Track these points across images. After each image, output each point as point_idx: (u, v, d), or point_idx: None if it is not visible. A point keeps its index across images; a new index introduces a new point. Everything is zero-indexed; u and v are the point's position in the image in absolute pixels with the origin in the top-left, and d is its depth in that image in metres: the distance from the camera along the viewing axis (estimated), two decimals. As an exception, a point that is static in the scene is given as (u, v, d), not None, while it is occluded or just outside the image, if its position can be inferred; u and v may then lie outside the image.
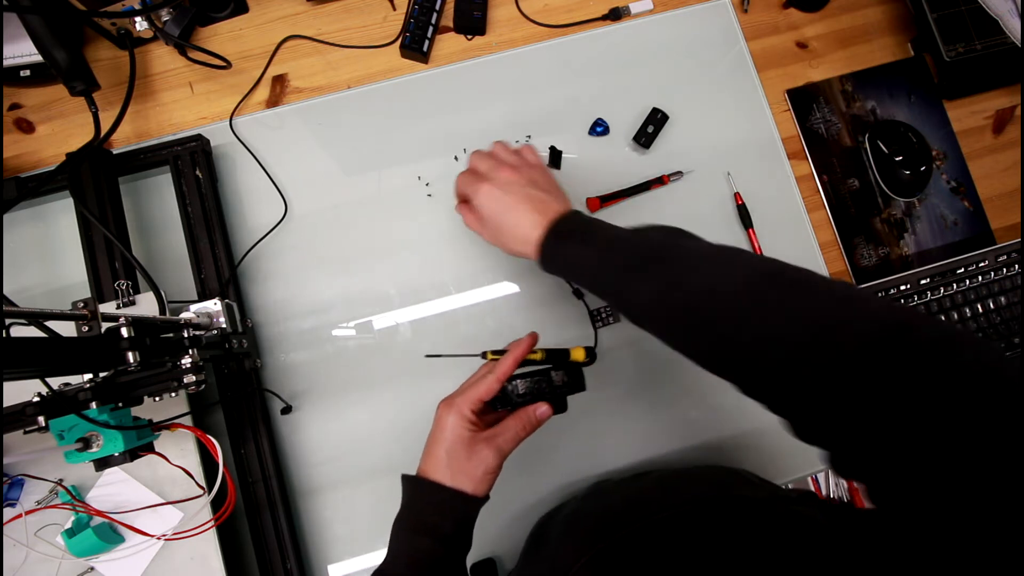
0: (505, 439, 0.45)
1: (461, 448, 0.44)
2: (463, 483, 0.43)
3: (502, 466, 0.45)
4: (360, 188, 0.67)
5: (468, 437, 0.44)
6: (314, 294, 0.65)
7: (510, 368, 0.47)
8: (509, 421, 0.46)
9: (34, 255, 0.64)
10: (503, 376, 0.46)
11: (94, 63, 0.65)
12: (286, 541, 0.57)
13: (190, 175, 0.62)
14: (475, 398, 0.45)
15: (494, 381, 0.46)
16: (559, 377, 0.48)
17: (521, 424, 0.46)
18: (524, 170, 0.51)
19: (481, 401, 0.46)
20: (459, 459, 0.44)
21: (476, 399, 0.45)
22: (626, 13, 0.72)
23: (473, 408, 0.45)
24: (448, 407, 0.46)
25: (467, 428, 0.45)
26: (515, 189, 0.49)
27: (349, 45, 0.69)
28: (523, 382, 0.47)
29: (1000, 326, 0.67)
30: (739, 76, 0.71)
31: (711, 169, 0.69)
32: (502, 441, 0.45)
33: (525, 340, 0.49)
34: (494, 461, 0.44)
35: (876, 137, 0.70)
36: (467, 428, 0.45)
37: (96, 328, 0.41)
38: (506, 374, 0.46)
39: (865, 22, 0.74)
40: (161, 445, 0.51)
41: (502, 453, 0.44)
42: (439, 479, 0.44)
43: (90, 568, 0.54)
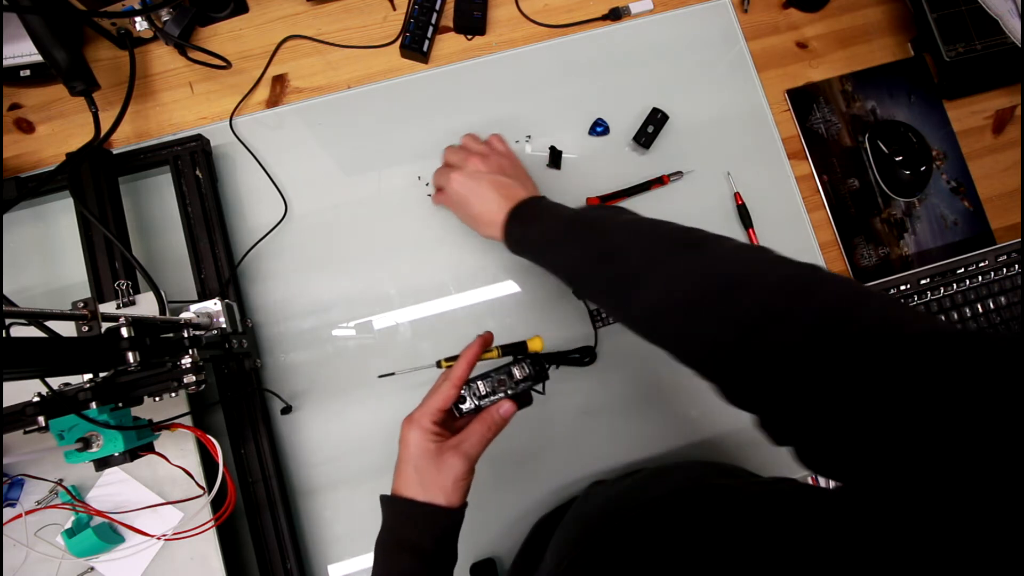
0: (471, 444, 0.44)
1: (428, 461, 0.43)
2: (435, 496, 0.43)
3: (473, 471, 0.45)
4: (360, 188, 0.67)
5: (433, 449, 0.43)
6: (314, 294, 0.65)
7: (463, 372, 0.46)
8: (474, 425, 0.45)
9: (34, 255, 0.64)
10: (458, 381, 0.46)
11: (94, 63, 0.65)
12: (286, 541, 0.57)
13: (190, 175, 0.62)
14: (433, 408, 0.45)
15: (449, 388, 0.45)
16: (520, 371, 0.48)
17: (486, 426, 0.45)
18: (492, 158, 0.56)
19: (440, 411, 0.45)
20: (428, 472, 0.43)
21: (435, 409, 0.45)
22: (626, 13, 0.72)
23: (434, 419, 0.45)
24: (409, 424, 0.45)
25: (430, 440, 0.44)
26: (482, 176, 0.55)
27: (349, 45, 0.69)
28: (483, 382, 0.47)
29: (1000, 326, 0.67)
30: (739, 76, 0.71)
31: (711, 169, 0.69)
32: (468, 447, 0.44)
33: (476, 342, 0.49)
34: (462, 468, 0.43)
35: (876, 137, 0.70)
36: (430, 440, 0.44)
37: (96, 328, 0.41)
38: (460, 379, 0.46)
39: (865, 22, 0.74)
40: (161, 445, 0.51)
41: (469, 458, 0.44)
42: (412, 495, 0.43)
43: (90, 568, 0.54)
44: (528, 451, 0.63)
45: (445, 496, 0.43)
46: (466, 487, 0.44)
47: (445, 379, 0.46)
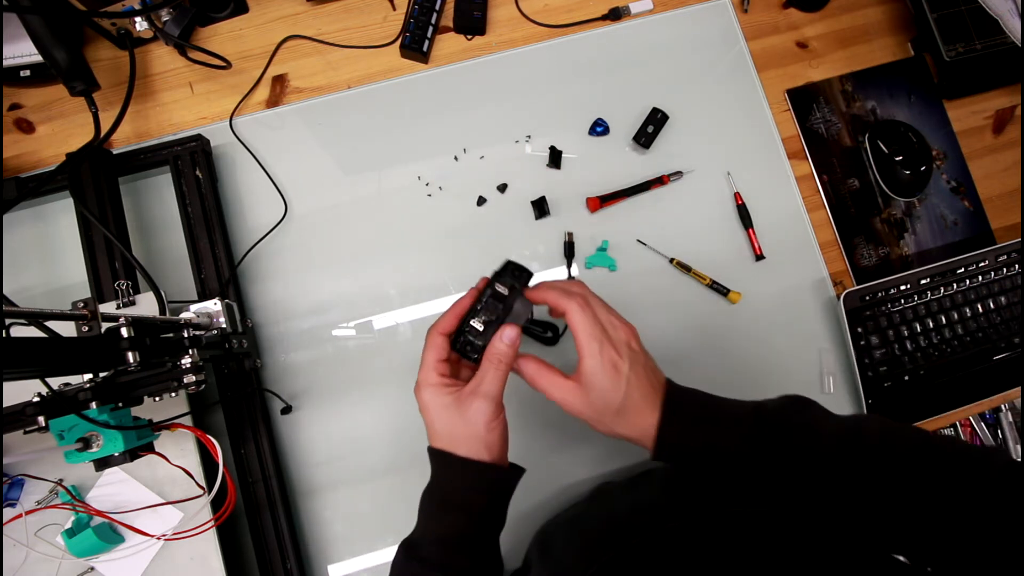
0: (487, 383, 0.40)
1: (451, 414, 0.40)
2: (476, 448, 0.40)
3: (503, 410, 0.41)
4: (360, 188, 0.67)
5: (451, 401, 0.40)
6: (314, 294, 0.65)
7: (449, 321, 0.43)
8: (483, 364, 0.41)
9: (34, 255, 0.64)
10: (444, 327, 0.42)
11: (94, 63, 0.65)
12: (286, 541, 0.57)
13: (190, 175, 0.62)
14: (431, 362, 0.42)
15: (435, 336, 0.42)
16: (502, 286, 0.42)
17: (494, 361, 0.41)
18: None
19: (438, 361, 0.42)
20: (456, 425, 0.40)
21: (433, 362, 0.42)
22: (626, 13, 0.72)
23: (438, 372, 0.42)
24: (418, 389, 0.42)
25: (444, 393, 0.41)
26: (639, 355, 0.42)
27: (349, 45, 0.69)
28: (476, 319, 0.42)
29: (1000, 326, 0.67)
30: (739, 76, 0.71)
31: (711, 169, 0.69)
32: (485, 387, 0.40)
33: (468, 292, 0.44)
34: (488, 409, 0.40)
35: (876, 137, 0.70)
36: (444, 393, 0.41)
37: (96, 328, 0.41)
38: (445, 326, 0.42)
39: (865, 22, 0.74)
40: (161, 445, 0.51)
41: (490, 398, 0.40)
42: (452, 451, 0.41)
43: (90, 568, 0.54)
44: (529, 452, 0.63)
45: (486, 445, 0.40)
46: (502, 430, 0.41)
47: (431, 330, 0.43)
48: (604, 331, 0.40)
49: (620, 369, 0.39)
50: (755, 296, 0.67)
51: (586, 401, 0.40)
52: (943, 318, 0.67)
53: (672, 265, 0.67)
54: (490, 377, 0.40)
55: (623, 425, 0.40)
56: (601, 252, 0.66)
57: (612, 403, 0.39)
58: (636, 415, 0.40)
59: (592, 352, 0.39)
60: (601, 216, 0.67)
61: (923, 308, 0.66)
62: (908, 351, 0.66)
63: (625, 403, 0.39)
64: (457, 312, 0.43)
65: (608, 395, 0.39)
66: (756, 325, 0.67)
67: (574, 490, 0.64)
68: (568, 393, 0.40)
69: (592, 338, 0.39)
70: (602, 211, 0.67)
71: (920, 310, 0.66)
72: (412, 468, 0.62)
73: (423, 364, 0.42)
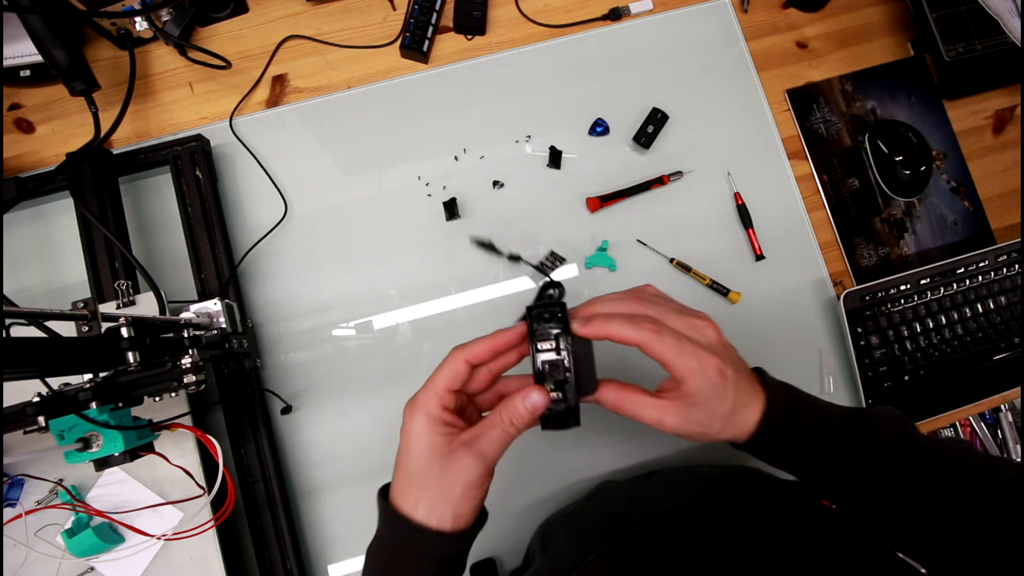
0: (489, 441, 0.33)
1: (433, 460, 0.33)
2: (440, 510, 0.33)
3: (492, 475, 0.34)
4: (360, 188, 0.67)
5: (440, 444, 0.33)
6: (314, 294, 0.65)
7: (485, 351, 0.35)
8: (491, 416, 0.34)
9: (34, 255, 0.64)
10: (476, 356, 0.35)
11: (94, 63, 0.65)
12: (286, 541, 0.57)
13: (190, 175, 0.62)
14: (441, 389, 0.35)
15: (458, 362, 0.35)
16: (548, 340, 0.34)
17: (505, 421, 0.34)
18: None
19: (449, 391, 0.35)
20: (431, 475, 0.33)
21: (442, 390, 0.35)
22: (626, 13, 0.72)
23: (442, 401, 0.34)
24: (412, 409, 0.35)
25: (438, 432, 0.34)
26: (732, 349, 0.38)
27: (349, 45, 0.69)
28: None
29: (1000, 326, 0.67)
30: (739, 76, 0.71)
31: (711, 169, 0.69)
32: (485, 444, 0.33)
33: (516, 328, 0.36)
34: (475, 471, 0.33)
35: (876, 137, 0.70)
36: (438, 432, 0.34)
37: (96, 328, 0.41)
38: (477, 357, 0.35)
39: (865, 22, 0.74)
40: (161, 445, 0.51)
41: (485, 459, 0.33)
42: (409, 510, 0.34)
43: (90, 568, 0.54)
44: (530, 450, 0.63)
45: (452, 509, 0.33)
46: (480, 497, 0.34)
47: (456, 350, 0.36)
48: (693, 343, 0.35)
49: (727, 375, 0.35)
50: (755, 296, 0.67)
51: (690, 417, 0.35)
52: (943, 318, 0.67)
53: (672, 265, 0.67)
54: (493, 436, 0.34)
55: (730, 429, 0.36)
56: (601, 252, 0.66)
57: (722, 413, 0.35)
58: (743, 415, 0.36)
59: (694, 371, 0.34)
60: (601, 216, 0.67)
61: (923, 308, 0.66)
62: (908, 351, 0.66)
63: (734, 407, 0.35)
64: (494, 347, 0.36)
65: (718, 407, 0.35)
66: (756, 325, 0.67)
67: (576, 488, 0.64)
68: (667, 414, 0.35)
69: (685, 356, 0.34)
70: (602, 211, 0.67)
71: (920, 310, 0.66)
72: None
73: (430, 383, 0.35)
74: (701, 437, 0.36)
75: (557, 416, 0.35)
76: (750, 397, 0.36)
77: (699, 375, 0.34)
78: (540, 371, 0.35)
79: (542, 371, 0.35)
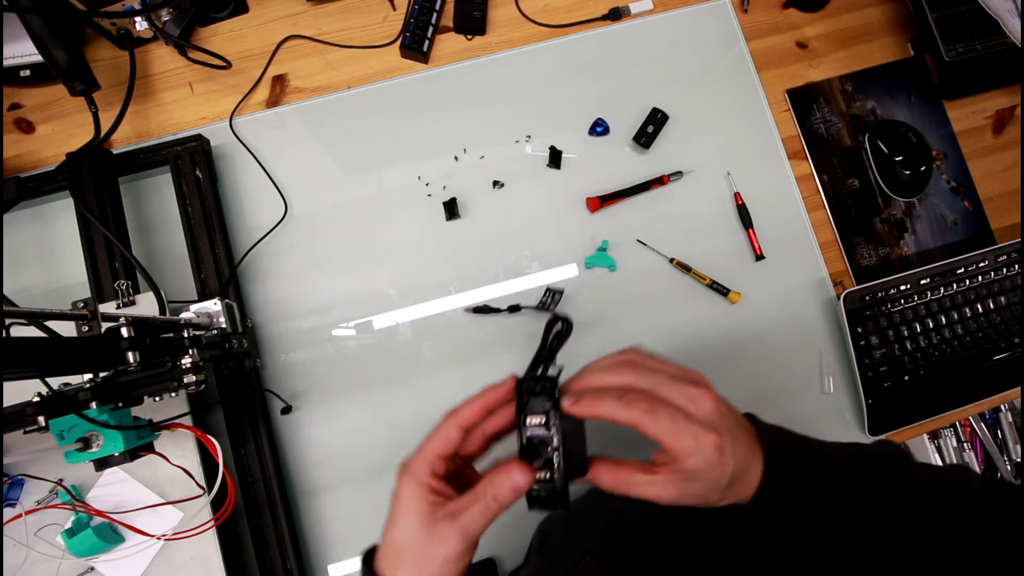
0: (471, 517, 0.32)
1: (418, 529, 0.32)
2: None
3: (475, 548, 0.33)
4: (360, 188, 0.67)
5: (426, 514, 0.33)
6: (314, 294, 0.65)
7: (476, 413, 0.35)
8: (475, 489, 0.33)
9: (34, 255, 0.64)
10: (465, 422, 0.35)
11: (94, 63, 0.65)
12: (286, 541, 0.57)
13: (190, 175, 0.62)
14: (431, 454, 0.34)
15: (451, 428, 0.35)
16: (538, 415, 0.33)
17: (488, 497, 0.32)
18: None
19: (440, 457, 0.34)
20: (414, 544, 0.32)
21: (433, 454, 0.34)
22: (626, 13, 0.72)
23: (432, 467, 0.34)
24: (403, 474, 0.34)
25: (426, 499, 0.33)
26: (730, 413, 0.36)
27: (349, 45, 0.69)
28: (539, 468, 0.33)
29: (1000, 326, 0.67)
30: (739, 76, 0.71)
31: (711, 169, 0.69)
32: (467, 520, 0.32)
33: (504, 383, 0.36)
34: (456, 547, 0.32)
35: (876, 137, 0.70)
36: (426, 499, 0.33)
37: (96, 328, 0.41)
38: (469, 420, 0.35)
39: (865, 22, 0.74)
40: (161, 445, 0.51)
41: (467, 536, 0.32)
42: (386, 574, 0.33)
43: (90, 568, 0.54)
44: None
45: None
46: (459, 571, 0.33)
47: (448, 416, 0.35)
48: (689, 419, 0.33)
49: (725, 451, 0.33)
50: (755, 296, 0.67)
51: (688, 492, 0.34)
52: (943, 318, 0.67)
53: (672, 265, 0.67)
54: (476, 512, 0.32)
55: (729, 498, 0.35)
56: (601, 252, 0.66)
57: (721, 486, 0.34)
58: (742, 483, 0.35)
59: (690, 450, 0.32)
60: (601, 216, 0.67)
61: (923, 308, 0.66)
62: (908, 351, 0.66)
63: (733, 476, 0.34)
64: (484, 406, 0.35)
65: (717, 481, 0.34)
66: (756, 325, 0.67)
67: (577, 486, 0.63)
68: (663, 489, 0.34)
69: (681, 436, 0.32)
70: (602, 211, 0.67)
71: (920, 310, 0.66)
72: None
73: (421, 449, 0.35)
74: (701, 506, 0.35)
75: (544, 498, 0.33)
76: (748, 463, 0.35)
77: (696, 455, 0.32)
78: (526, 447, 0.33)
79: (529, 447, 0.33)
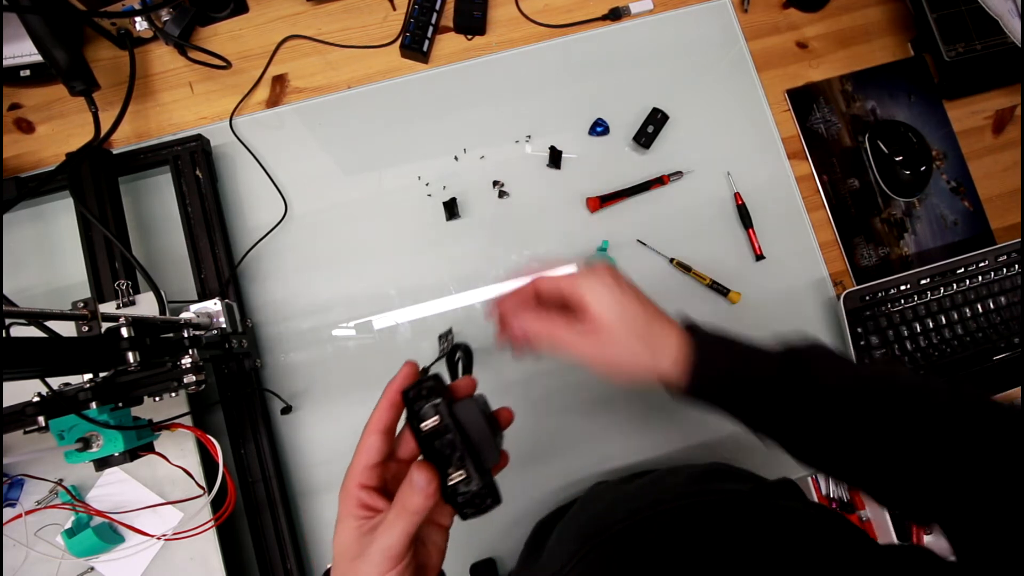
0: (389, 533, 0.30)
1: (349, 549, 0.31)
2: None
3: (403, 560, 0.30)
4: (360, 188, 0.67)
5: (354, 533, 0.31)
6: (314, 294, 0.65)
7: (385, 413, 0.34)
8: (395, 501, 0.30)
9: (34, 255, 0.64)
10: (379, 426, 0.33)
11: (94, 63, 0.65)
12: (286, 541, 0.57)
13: (190, 175, 0.62)
14: (358, 468, 0.33)
15: (369, 435, 0.33)
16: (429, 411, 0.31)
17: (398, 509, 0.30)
18: None
19: (368, 468, 0.32)
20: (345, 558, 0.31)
21: (360, 468, 0.33)
22: (626, 13, 0.72)
23: (364, 482, 0.32)
24: (340, 494, 0.33)
25: (354, 515, 0.31)
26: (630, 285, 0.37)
27: (349, 45, 0.69)
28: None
29: (1000, 326, 0.67)
30: (739, 76, 0.71)
31: (711, 169, 0.69)
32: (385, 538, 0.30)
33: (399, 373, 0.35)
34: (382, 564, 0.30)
35: (876, 137, 0.70)
36: (354, 515, 0.31)
37: (96, 328, 0.41)
38: (381, 422, 0.33)
39: (865, 22, 0.74)
40: (161, 445, 0.51)
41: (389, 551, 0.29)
42: None
43: (90, 568, 0.54)
44: (530, 451, 0.63)
45: None
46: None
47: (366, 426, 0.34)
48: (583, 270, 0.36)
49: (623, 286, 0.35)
50: (755, 296, 0.67)
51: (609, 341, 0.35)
52: (943, 318, 0.67)
53: (672, 265, 0.67)
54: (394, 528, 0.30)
55: (658, 357, 0.35)
56: (601, 252, 0.66)
57: (638, 329, 0.35)
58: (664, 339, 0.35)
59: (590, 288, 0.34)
60: (601, 216, 0.67)
61: (923, 308, 0.66)
62: (908, 351, 0.66)
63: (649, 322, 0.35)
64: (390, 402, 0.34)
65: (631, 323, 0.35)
66: (756, 325, 0.67)
67: (574, 488, 0.64)
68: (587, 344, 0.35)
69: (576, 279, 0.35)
70: (602, 211, 0.67)
71: (920, 310, 0.66)
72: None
73: (350, 466, 0.33)
74: (625, 367, 0.35)
75: (470, 499, 0.30)
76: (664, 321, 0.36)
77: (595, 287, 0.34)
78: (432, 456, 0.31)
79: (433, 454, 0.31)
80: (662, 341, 0.36)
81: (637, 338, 0.35)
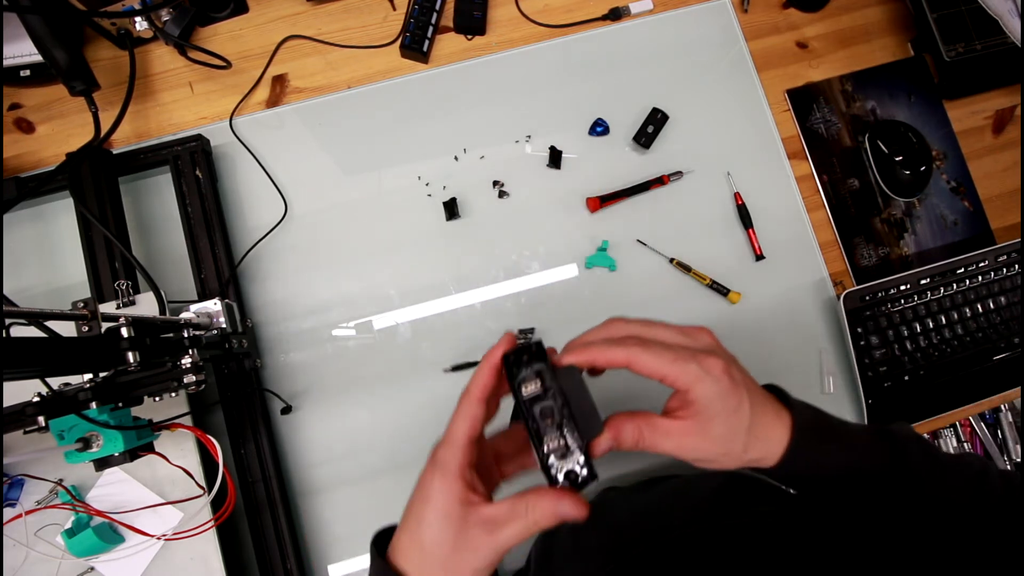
0: (510, 534, 0.29)
1: (448, 530, 0.29)
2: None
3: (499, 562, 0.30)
4: (360, 188, 0.67)
5: (459, 515, 0.29)
6: (314, 294, 0.65)
7: (489, 379, 0.31)
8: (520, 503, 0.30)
9: (34, 255, 0.64)
10: (483, 392, 0.31)
11: (94, 63, 0.65)
12: (286, 541, 0.57)
13: (190, 175, 0.62)
14: (462, 439, 0.31)
15: (471, 405, 0.31)
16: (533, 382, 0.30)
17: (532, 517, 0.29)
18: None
19: (470, 441, 0.31)
20: (442, 547, 0.29)
21: (464, 439, 0.31)
22: (626, 13, 0.72)
23: (468, 458, 0.30)
24: (433, 465, 0.31)
25: (459, 499, 0.30)
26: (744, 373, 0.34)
27: (349, 45, 0.69)
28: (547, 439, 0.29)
29: (1000, 326, 0.67)
30: (739, 76, 0.71)
31: (711, 169, 0.69)
32: (505, 536, 0.29)
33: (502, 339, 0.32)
34: (488, 559, 0.29)
35: (876, 137, 0.70)
36: (459, 499, 0.30)
37: (96, 328, 0.41)
38: (486, 388, 0.31)
39: (865, 22, 0.74)
40: (161, 445, 0.51)
41: (501, 551, 0.29)
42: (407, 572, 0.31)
43: (90, 568, 0.54)
44: (528, 451, 0.63)
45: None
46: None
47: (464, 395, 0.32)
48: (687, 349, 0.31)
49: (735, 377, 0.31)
50: (755, 296, 0.67)
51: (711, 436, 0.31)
52: (943, 318, 0.67)
53: (672, 265, 0.67)
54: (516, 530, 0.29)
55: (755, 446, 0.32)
56: (601, 252, 0.66)
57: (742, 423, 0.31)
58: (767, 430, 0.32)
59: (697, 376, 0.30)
60: (601, 216, 0.67)
61: (923, 308, 0.66)
62: (908, 351, 0.66)
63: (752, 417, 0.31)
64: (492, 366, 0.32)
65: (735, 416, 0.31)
66: (756, 325, 0.67)
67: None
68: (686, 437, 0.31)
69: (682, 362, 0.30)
70: (602, 211, 0.67)
71: (920, 310, 0.66)
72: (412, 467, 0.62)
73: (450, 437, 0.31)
74: (725, 459, 0.32)
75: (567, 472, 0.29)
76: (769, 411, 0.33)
77: (704, 380, 0.30)
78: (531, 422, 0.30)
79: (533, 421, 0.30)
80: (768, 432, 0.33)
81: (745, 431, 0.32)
